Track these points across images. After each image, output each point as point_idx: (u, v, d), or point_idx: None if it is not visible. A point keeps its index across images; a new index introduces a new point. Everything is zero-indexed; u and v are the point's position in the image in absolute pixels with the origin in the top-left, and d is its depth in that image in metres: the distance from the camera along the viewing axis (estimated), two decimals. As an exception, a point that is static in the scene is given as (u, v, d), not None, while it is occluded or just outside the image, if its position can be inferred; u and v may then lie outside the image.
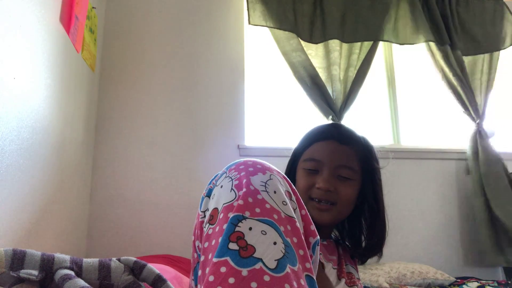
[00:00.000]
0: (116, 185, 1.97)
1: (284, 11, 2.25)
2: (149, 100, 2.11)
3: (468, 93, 2.40)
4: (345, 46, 2.34)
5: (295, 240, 0.50)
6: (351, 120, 2.32)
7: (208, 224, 0.53)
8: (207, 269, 0.46)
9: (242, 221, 0.48)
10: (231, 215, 0.49)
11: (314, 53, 2.31)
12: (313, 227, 0.56)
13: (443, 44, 2.42)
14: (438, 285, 1.89)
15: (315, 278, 0.50)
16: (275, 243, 0.47)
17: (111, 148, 2.01)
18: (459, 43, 2.48)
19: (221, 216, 0.50)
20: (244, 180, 0.53)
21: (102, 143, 2.01)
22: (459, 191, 2.38)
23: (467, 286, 1.84)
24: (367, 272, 1.87)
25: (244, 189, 0.51)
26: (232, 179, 0.54)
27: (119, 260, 0.58)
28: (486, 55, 2.54)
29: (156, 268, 0.62)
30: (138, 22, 2.20)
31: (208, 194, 0.59)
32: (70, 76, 1.61)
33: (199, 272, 0.52)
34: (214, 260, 0.45)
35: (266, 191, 0.52)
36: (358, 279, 0.87)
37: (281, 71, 2.35)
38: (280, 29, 2.21)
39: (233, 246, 0.45)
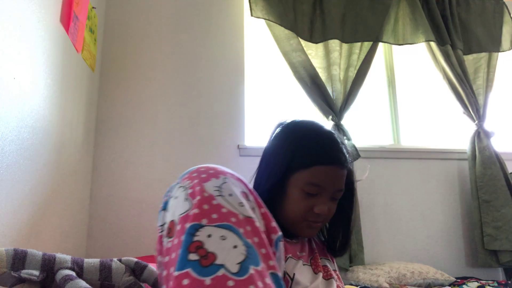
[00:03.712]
0: (116, 185, 1.96)
1: (284, 10, 2.25)
2: (149, 100, 2.10)
3: (468, 94, 2.40)
4: (345, 46, 2.34)
5: (256, 240, 0.49)
6: (351, 120, 2.32)
7: (166, 238, 0.52)
8: (170, 283, 0.45)
9: (200, 229, 0.47)
10: (187, 225, 0.48)
11: (314, 53, 2.31)
12: (273, 223, 0.56)
13: (444, 44, 2.42)
14: (438, 285, 1.89)
15: (280, 275, 0.50)
16: (235, 247, 0.46)
17: (111, 148, 2.01)
18: (459, 43, 2.48)
19: (178, 227, 0.50)
20: (198, 188, 0.52)
21: (102, 143, 2.01)
22: (459, 191, 2.38)
23: (467, 286, 1.84)
24: (367, 272, 1.87)
25: (198, 197, 0.51)
26: (185, 188, 0.54)
27: (120, 260, 0.58)
28: (486, 56, 2.54)
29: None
30: (138, 22, 2.20)
31: (164, 207, 0.58)
32: (70, 76, 1.61)
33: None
34: (175, 273, 0.44)
35: (221, 195, 0.51)
36: (335, 270, 0.87)
37: (281, 71, 2.35)
38: (281, 25, 2.21)
39: (193, 256, 0.45)
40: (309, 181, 0.77)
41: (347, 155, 0.82)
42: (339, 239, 0.88)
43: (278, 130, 0.88)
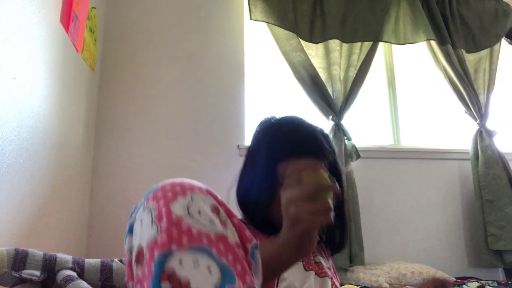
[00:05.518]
0: (116, 185, 1.96)
1: (284, 11, 2.25)
2: (149, 100, 2.10)
3: (470, 93, 2.40)
4: (345, 46, 2.34)
5: (230, 257, 0.48)
6: (351, 120, 2.32)
7: (136, 264, 0.50)
8: None
9: (170, 256, 0.46)
10: (157, 253, 0.46)
11: (314, 53, 2.31)
12: (247, 232, 0.54)
13: (444, 44, 2.42)
14: (438, 285, 1.88)
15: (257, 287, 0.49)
16: (209, 269, 0.45)
17: (111, 148, 2.01)
18: (459, 42, 2.48)
19: (147, 255, 0.48)
20: (164, 209, 0.50)
21: (102, 143, 2.00)
22: (459, 191, 2.38)
23: (467, 286, 1.84)
24: (367, 272, 1.87)
25: (165, 220, 0.49)
26: (151, 211, 0.52)
27: (121, 261, 0.58)
28: (487, 54, 2.54)
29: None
30: (138, 22, 2.20)
31: (130, 230, 0.56)
32: (70, 76, 1.60)
33: None
34: None
35: (189, 214, 0.49)
36: (330, 268, 0.86)
37: (281, 71, 2.35)
38: (280, 27, 2.21)
39: (165, 284, 0.44)
40: (286, 174, 0.77)
41: (327, 147, 0.80)
42: (336, 235, 0.86)
43: (259, 128, 0.87)
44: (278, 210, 0.78)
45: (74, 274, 0.48)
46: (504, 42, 2.60)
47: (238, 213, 0.84)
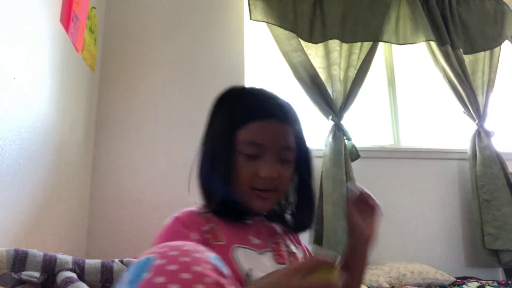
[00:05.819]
0: (116, 185, 1.96)
1: (284, 11, 2.24)
2: (149, 100, 2.10)
3: (468, 93, 2.41)
4: (345, 46, 2.33)
5: None
6: (351, 120, 2.32)
7: None
8: None
9: None
10: None
11: (314, 53, 2.31)
12: None
13: (444, 44, 2.42)
14: (438, 285, 1.89)
15: None
16: None
17: (111, 148, 2.01)
18: (459, 43, 2.48)
19: None
20: None
21: (102, 143, 2.00)
22: (459, 191, 2.38)
23: (467, 286, 1.84)
24: (367, 272, 1.87)
25: None
26: None
27: (121, 261, 0.58)
28: (487, 55, 2.54)
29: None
30: (138, 22, 2.19)
31: None
32: (70, 76, 1.60)
33: None
34: None
35: None
36: (306, 253, 0.78)
37: (281, 71, 2.34)
38: (280, 27, 2.21)
39: None
40: (246, 140, 0.69)
41: (289, 110, 0.74)
42: (304, 214, 0.78)
43: (217, 98, 0.80)
44: (238, 183, 0.70)
45: (74, 275, 0.48)
46: (503, 42, 2.59)
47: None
